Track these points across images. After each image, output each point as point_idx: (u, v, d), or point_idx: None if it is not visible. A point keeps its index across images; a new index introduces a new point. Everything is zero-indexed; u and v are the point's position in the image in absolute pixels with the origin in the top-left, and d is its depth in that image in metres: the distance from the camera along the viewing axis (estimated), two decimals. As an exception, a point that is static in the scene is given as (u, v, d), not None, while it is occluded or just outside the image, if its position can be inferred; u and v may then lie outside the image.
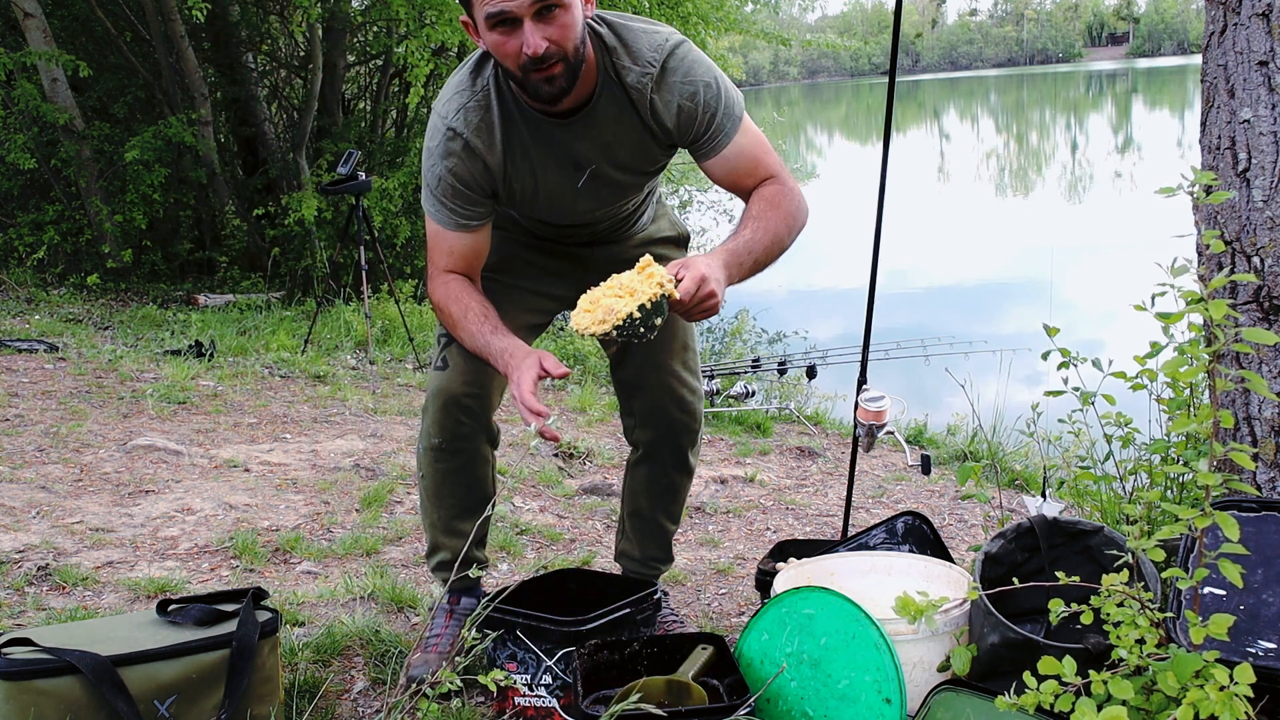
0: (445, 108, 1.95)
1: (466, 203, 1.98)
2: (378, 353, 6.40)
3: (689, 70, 1.90)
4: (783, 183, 1.99)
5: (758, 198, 1.98)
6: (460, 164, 1.94)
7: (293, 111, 9.87)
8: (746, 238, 1.92)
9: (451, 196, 1.96)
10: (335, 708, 2.15)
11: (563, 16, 1.77)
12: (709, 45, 9.84)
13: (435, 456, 2.21)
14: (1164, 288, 1.59)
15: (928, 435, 5.20)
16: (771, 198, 1.97)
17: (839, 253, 12.92)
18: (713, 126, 1.94)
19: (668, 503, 2.45)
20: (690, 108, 1.92)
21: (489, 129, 1.94)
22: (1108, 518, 2.39)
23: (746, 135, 1.98)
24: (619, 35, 1.90)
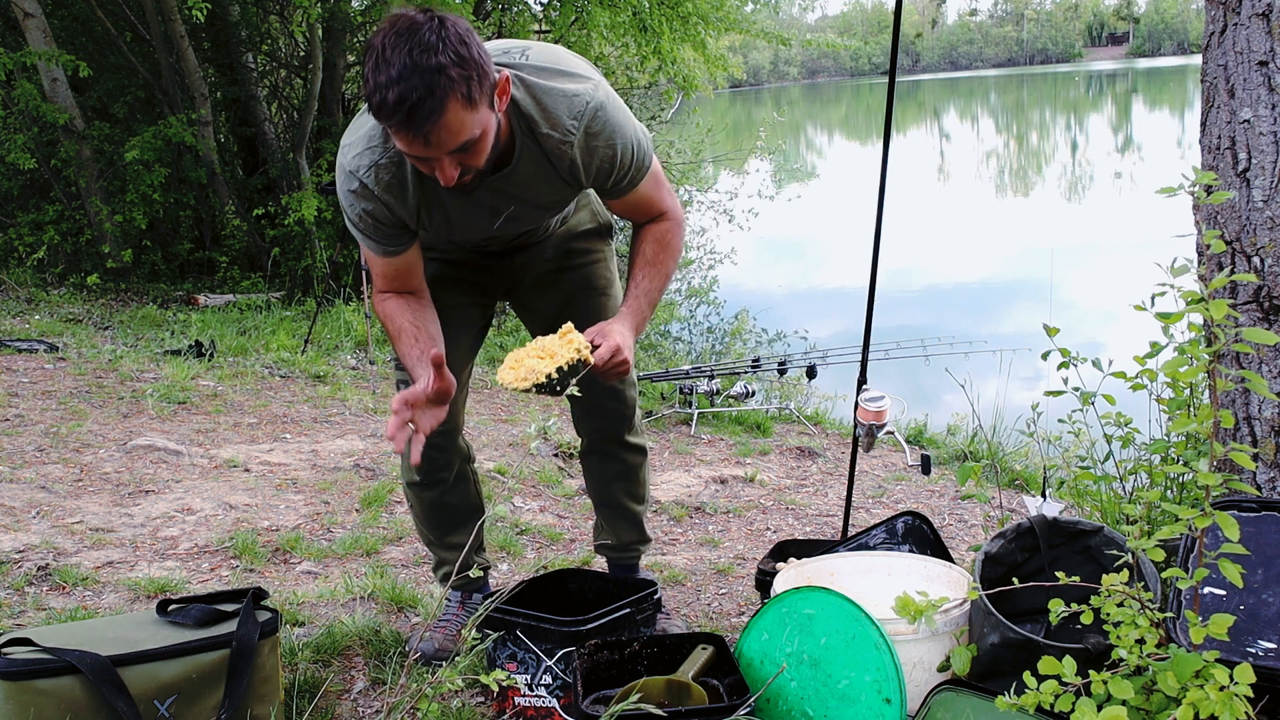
0: (355, 161, 1.90)
1: (386, 237, 1.97)
2: (378, 353, 6.40)
3: (610, 135, 1.91)
4: (671, 217, 2.11)
5: (651, 238, 2.09)
6: (374, 207, 1.92)
7: (293, 111, 9.87)
8: (645, 288, 2.07)
9: (372, 231, 1.96)
10: (335, 708, 2.15)
11: (478, 145, 1.73)
12: (709, 45, 9.84)
13: (417, 490, 2.37)
14: (1164, 288, 1.59)
15: (928, 435, 5.20)
16: (662, 237, 2.09)
17: (839, 253, 12.93)
18: (625, 179, 2.00)
19: (628, 484, 2.51)
20: (607, 167, 1.95)
21: (400, 185, 1.90)
22: (1108, 518, 2.39)
23: (649, 182, 2.04)
24: (537, 100, 1.86)
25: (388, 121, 1.66)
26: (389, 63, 1.61)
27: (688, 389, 5.32)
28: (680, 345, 8.84)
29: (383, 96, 1.61)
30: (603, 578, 2.49)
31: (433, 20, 1.64)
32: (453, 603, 2.52)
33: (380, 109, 1.64)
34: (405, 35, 1.62)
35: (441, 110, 1.63)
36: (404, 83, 1.60)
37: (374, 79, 1.62)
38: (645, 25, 9.01)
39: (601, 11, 8.89)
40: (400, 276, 2.05)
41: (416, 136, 1.66)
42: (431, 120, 1.63)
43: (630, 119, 1.96)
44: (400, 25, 1.63)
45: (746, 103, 44.63)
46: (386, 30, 1.64)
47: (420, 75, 1.60)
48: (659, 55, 9.13)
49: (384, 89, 1.61)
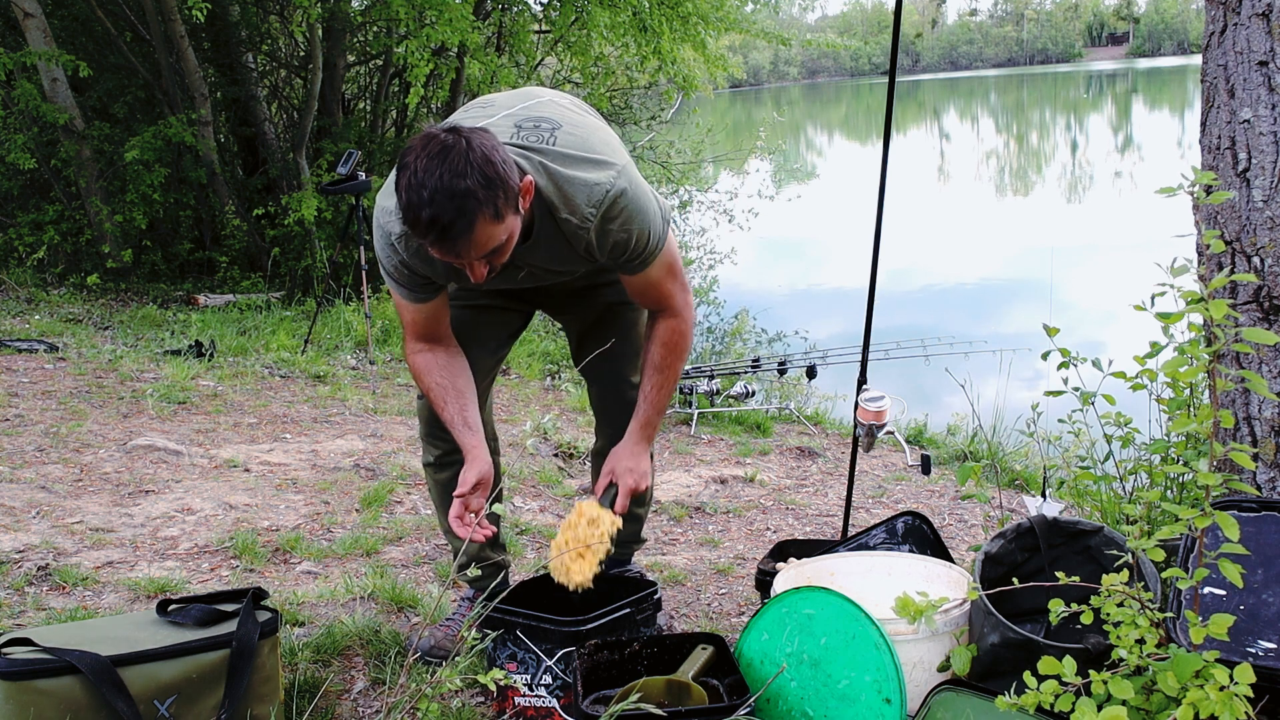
0: (390, 224, 1.99)
1: (418, 286, 2.09)
2: (378, 353, 6.40)
3: (626, 221, 1.99)
4: (678, 314, 2.20)
5: (659, 341, 2.20)
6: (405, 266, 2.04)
7: (293, 111, 9.86)
8: (654, 399, 2.22)
9: (405, 280, 2.08)
10: (335, 708, 2.15)
11: (505, 246, 1.85)
12: (709, 45, 9.83)
13: (431, 471, 2.45)
14: (1164, 288, 1.59)
15: (928, 435, 5.19)
16: (670, 341, 2.20)
17: (839, 253, 12.93)
18: (636, 260, 2.08)
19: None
20: (621, 248, 2.04)
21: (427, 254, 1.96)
22: (1108, 518, 2.39)
23: (660, 267, 2.12)
24: (559, 188, 1.93)
25: (421, 238, 1.79)
26: (422, 184, 1.72)
27: (687, 389, 5.32)
28: (680, 345, 8.82)
29: (416, 215, 1.74)
30: (602, 577, 2.48)
31: (460, 142, 1.75)
32: (464, 604, 2.53)
33: (414, 226, 1.76)
34: (437, 158, 1.73)
35: (470, 229, 1.75)
36: (435, 205, 1.72)
37: (408, 197, 1.74)
38: (645, 25, 9.00)
39: (601, 11, 8.88)
40: (429, 323, 2.16)
41: (447, 252, 1.80)
42: (462, 239, 1.76)
43: (651, 204, 2.05)
44: (432, 148, 1.74)
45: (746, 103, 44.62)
46: (418, 151, 1.75)
47: (451, 199, 1.72)
48: (659, 55, 9.12)
49: (417, 209, 1.73)
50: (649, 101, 12.27)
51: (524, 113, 2.02)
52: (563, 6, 9.19)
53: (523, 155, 1.91)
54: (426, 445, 2.43)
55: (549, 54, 10.45)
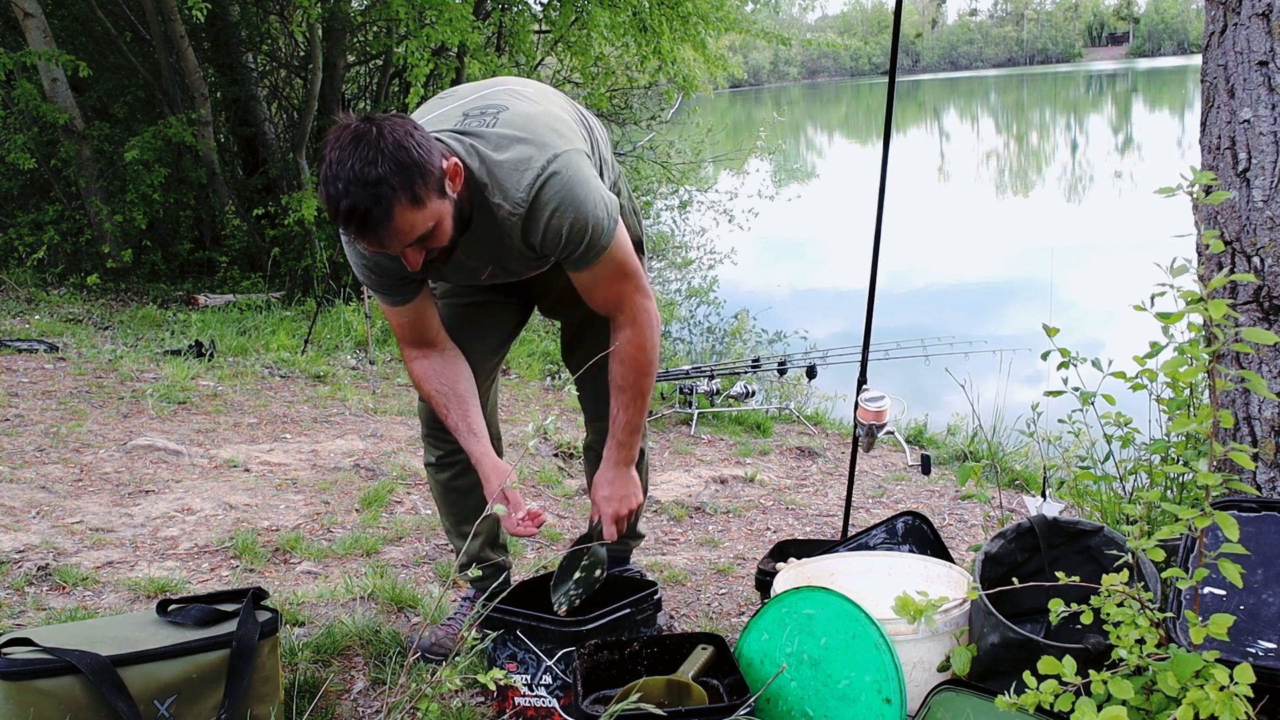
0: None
1: (389, 288, 2.07)
2: (378, 353, 6.40)
3: (559, 208, 1.90)
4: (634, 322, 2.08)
5: (617, 360, 2.11)
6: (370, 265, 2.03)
7: (293, 111, 9.86)
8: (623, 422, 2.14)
9: (376, 284, 2.07)
10: (335, 708, 2.15)
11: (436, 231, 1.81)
12: (709, 45, 9.83)
13: (432, 471, 2.44)
14: (1164, 288, 1.59)
15: (928, 435, 5.19)
16: (628, 358, 2.10)
17: (839, 253, 12.92)
18: (576, 254, 1.98)
19: None
20: (556, 239, 1.94)
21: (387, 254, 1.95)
22: (1108, 518, 2.39)
23: (608, 265, 2.01)
24: (490, 170, 1.89)
25: (342, 230, 1.77)
26: (336, 176, 1.70)
27: (688, 389, 5.32)
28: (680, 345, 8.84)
29: (335, 206, 1.72)
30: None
31: (371, 130, 1.72)
32: (464, 604, 2.53)
33: (334, 218, 1.74)
34: (349, 148, 1.71)
35: (389, 217, 1.72)
36: (350, 196, 1.70)
37: (326, 190, 1.73)
38: (645, 25, 9.00)
39: (601, 11, 8.88)
40: (415, 326, 2.14)
41: (372, 242, 1.78)
42: (381, 227, 1.73)
43: (592, 194, 1.92)
44: (344, 139, 1.72)
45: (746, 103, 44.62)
46: (332, 143, 1.74)
47: (364, 188, 1.69)
48: (659, 55, 9.12)
49: (335, 200, 1.71)
50: (649, 101, 12.27)
51: (476, 101, 1.99)
52: (563, 6, 9.19)
53: (457, 139, 1.88)
54: (428, 445, 2.43)
55: (549, 54, 10.45)
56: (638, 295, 2.08)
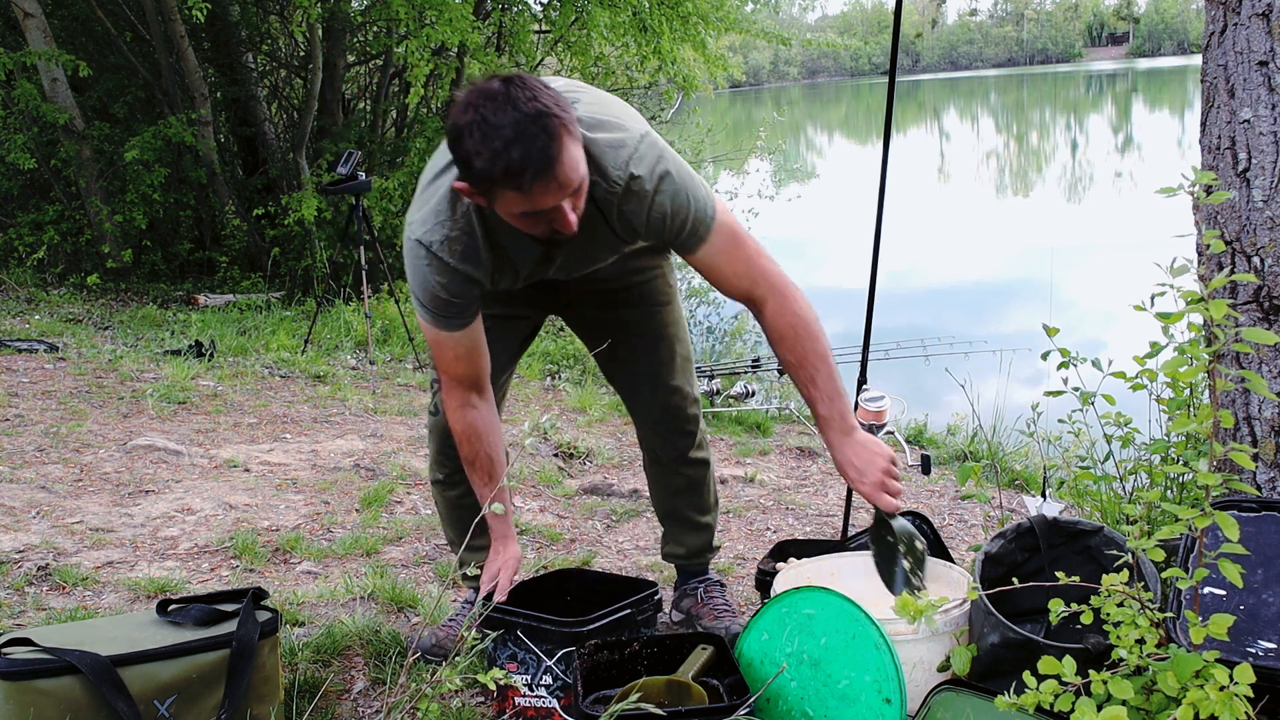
0: (427, 235, 1.92)
1: (456, 310, 2.00)
2: (378, 353, 6.40)
3: (658, 185, 1.89)
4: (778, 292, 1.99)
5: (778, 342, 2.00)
6: (450, 280, 1.95)
7: (293, 111, 9.86)
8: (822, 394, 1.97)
9: (443, 308, 1.98)
10: (335, 708, 2.15)
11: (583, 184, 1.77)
12: (709, 45, 9.83)
13: (440, 488, 2.43)
14: (1164, 288, 1.59)
15: (928, 435, 5.19)
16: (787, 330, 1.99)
17: (839, 253, 12.91)
18: (686, 232, 1.95)
19: (693, 497, 2.52)
20: (661, 219, 1.92)
21: (475, 253, 1.94)
22: (1108, 518, 2.39)
23: (723, 238, 1.96)
24: (588, 150, 1.85)
25: (519, 180, 1.68)
26: (498, 126, 1.66)
27: (688, 389, 5.30)
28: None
29: (506, 158, 1.66)
30: (603, 578, 2.49)
31: (511, 80, 1.71)
32: (464, 604, 2.53)
33: (507, 171, 1.67)
34: (498, 99, 1.68)
35: (561, 150, 1.68)
36: (524, 138, 1.65)
37: (490, 146, 1.66)
38: (645, 25, 9.00)
39: (601, 11, 8.88)
40: (471, 358, 2.07)
41: (550, 182, 1.69)
42: (557, 161, 1.68)
43: (685, 168, 1.94)
44: (487, 93, 1.69)
45: (746, 103, 44.61)
46: (474, 103, 1.69)
47: (534, 123, 1.66)
48: (659, 55, 9.12)
49: (503, 152, 1.66)
50: (649, 101, 12.26)
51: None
52: (563, 6, 9.19)
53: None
54: (437, 463, 2.39)
55: (549, 54, 10.45)
56: (764, 260, 2.00)
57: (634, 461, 4.42)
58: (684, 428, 2.41)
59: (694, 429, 2.43)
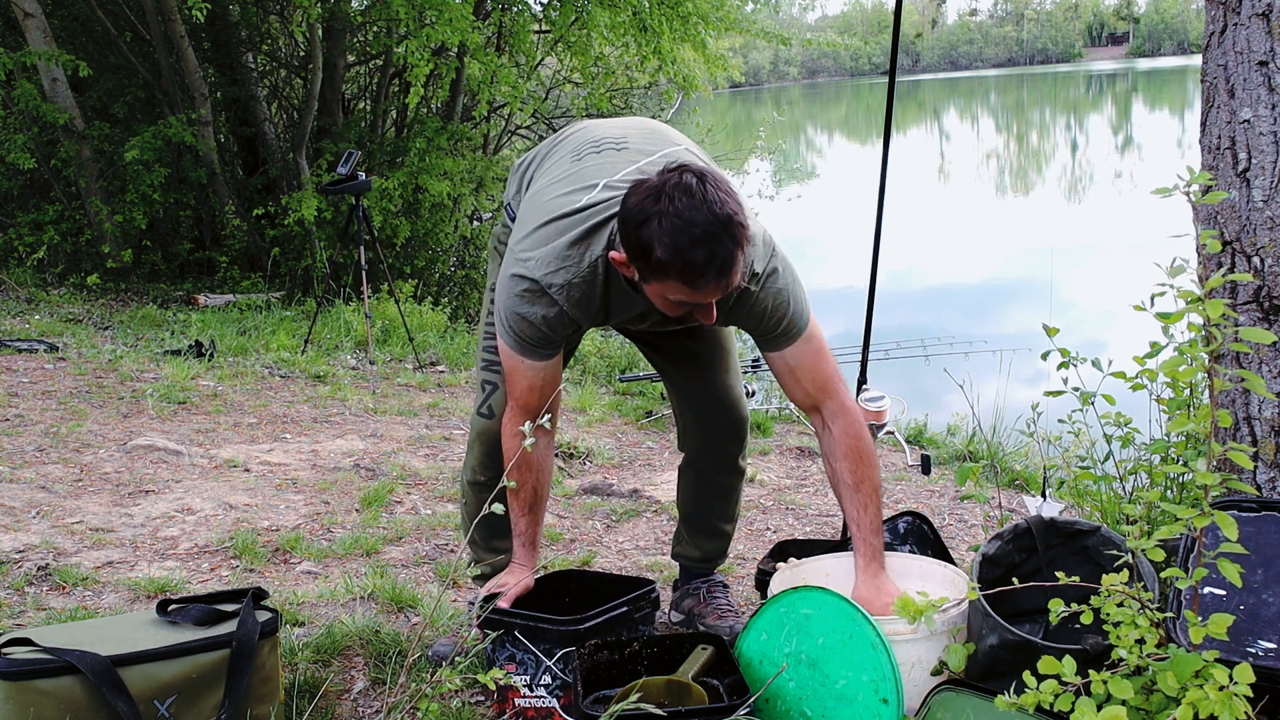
0: (548, 276, 1.93)
1: (549, 343, 2.03)
2: (378, 353, 6.40)
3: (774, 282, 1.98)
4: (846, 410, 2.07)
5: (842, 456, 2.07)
6: (553, 316, 1.98)
7: (293, 111, 9.86)
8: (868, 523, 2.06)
9: (537, 338, 2.01)
10: (335, 708, 2.15)
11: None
12: (709, 45, 9.83)
13: (478, 489, 2.39)
14: (1163, 288, 1.59)
15: (928, 435, 5.19)
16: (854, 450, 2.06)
17: (839, 252, 12.92)
18: (779, 329, 2.04)
19: (722, 504, 2.55)
20: (762, 313, 2.01)
21: (589, 301, 1.98)
22: (1108, 518, 2.39)
23: (812, 342, 2.07)
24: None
25: (694, 278, 1.74)
26: (693, 223, 1.71)
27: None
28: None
29: (691, 257, 1.72)
30: (603, 578, 2.49)
31: (705, 177, 1.76)
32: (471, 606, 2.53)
33: (687, 268, 1.73)
34: (695, 194, 1.72)
35: (740, 256, 1.76)
36: (712, 241, 1.71)
37: (675, 240, 1.71)
38: (645, 25, 9.00)
39: (601, 11, 8.88)
40: (547, 386, 2.09)
41: (722, 285, 1.77)
42: (734, 268, 1.76)
43: (791, 271, 2.02)
44: (685, 186, 1.73)
45: (746, 103, 44.61)
46: (670, 193, 1.72)
47: (724, 229, 1.72)
48: (659, 55, 9.12)
49: (689, 250, 1.71)
50: (649, 101, 12.26)
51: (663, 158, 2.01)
52: (563, 6, 9.19)
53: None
54: (482, 466, 2.36)
55: (549, 54, 10.45)
56: (840, 378, 2.10)
57: (634, 461, 4.42)
58: (739, 432, 2.44)
59: (745, 434, 2.47)
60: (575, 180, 2.00)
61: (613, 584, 2.38)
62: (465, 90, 9.34)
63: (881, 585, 2.06)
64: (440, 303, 8.42)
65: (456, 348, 6.72)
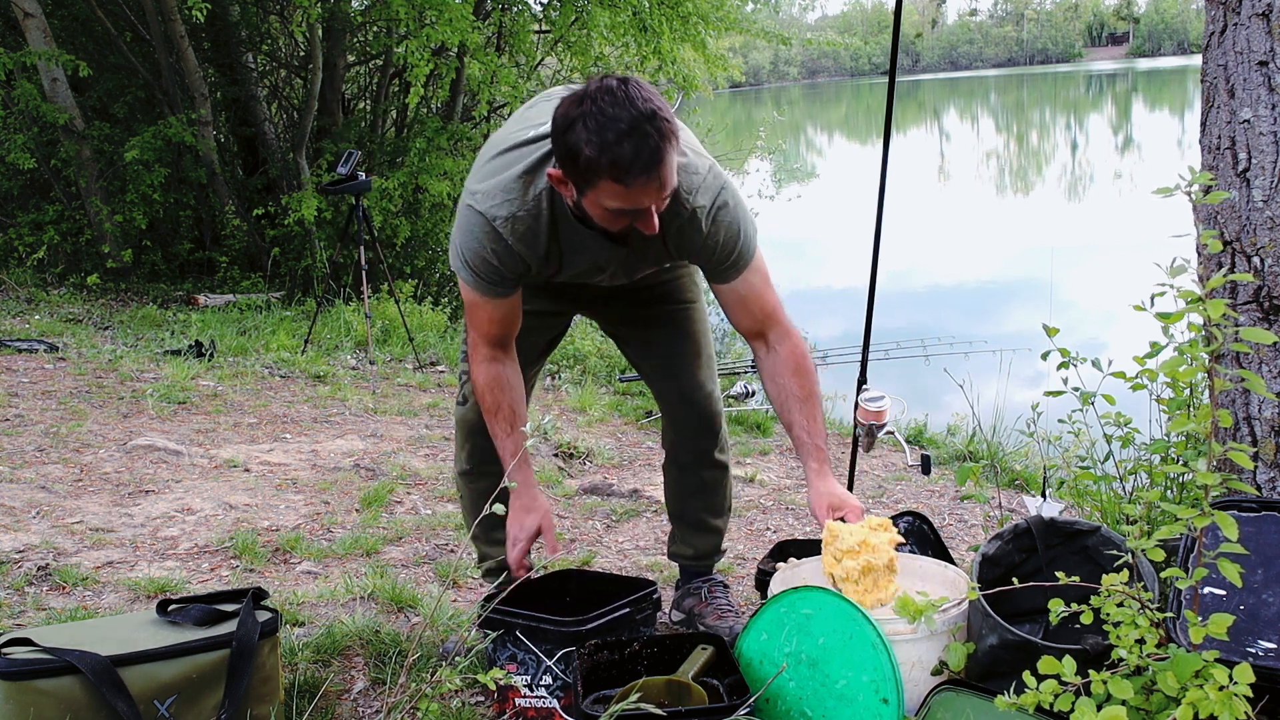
0: (493, 209, 1.96)
1: (501, 279, 2.05)
2: (378, 353, 6.40)
3: (717, 215, 2.00)
4: (789, 333, 2.15)
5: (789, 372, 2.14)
6: (501, 251, 2.00)
7: (293, 111, 9.86)
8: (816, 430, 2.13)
9: (490, 273, 2.03)
10: (335, 708, 2.15)
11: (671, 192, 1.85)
12: (709, 45, 9.83)
13: (467, 480, 2.43)
14: (1163, 288, 1.59)
15: (928, 435, 5.19)
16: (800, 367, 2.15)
17: (839, 253, 12.92)
18: (728, 261, 2.06)
19: (708, 498, 2.54)
20: (712, 246, 2.03)
21: (534, 237, 1.99)
22: (1108, 518, 2.39)
23: (758, 274, 2.11)
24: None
25: (624, 173, 1.75)
26: (615, 119, 1.73)
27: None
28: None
29: (618, 152, 1.73)
30: (603, 578, 2.49)
31: (628, 80, 1.79)
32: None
33: (615, 163, 1.74)
34: (616, 93, 1.75)
35: (668, 149, 1.77)
36: (636, 133, 1.73)
37: (602, 136, 1.73)
38: (645, 25, 9.00)
39: (601, 11, 8.88)
40: (505, 322, 2.12)
41: (652, 181, 1.77)
42: (664, 161, 1.77)
43: (741, 205, 2.05)
44: (606, 88, 1.76)
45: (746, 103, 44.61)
46: (593, 97, 1.75)
47: (649, 121, 1.74)
48: (659, 55, 9.12)
49: (614, 145, 1.73)
50: (649, 101, 12.24)
51: None
52: (563, 6, 9.19)
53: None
54: (465, 453, 2.40)
55: (549, 54, 10.45)
56: (782, 307, 2.16)
57: (634, 461, 4.42)
58: (708, 425, 2.44)
59: (717, 428, 2.46)
60: (525, 120, 2.05)
61: (613, 584, 2.38)
62: (465, 90, 9.34)
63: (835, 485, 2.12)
64: (440, 303, 8.43)
65: (456, 348, 6.71)
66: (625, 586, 2.31)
